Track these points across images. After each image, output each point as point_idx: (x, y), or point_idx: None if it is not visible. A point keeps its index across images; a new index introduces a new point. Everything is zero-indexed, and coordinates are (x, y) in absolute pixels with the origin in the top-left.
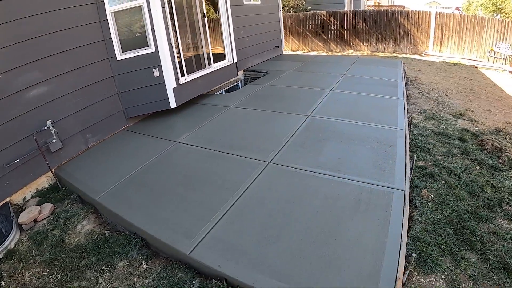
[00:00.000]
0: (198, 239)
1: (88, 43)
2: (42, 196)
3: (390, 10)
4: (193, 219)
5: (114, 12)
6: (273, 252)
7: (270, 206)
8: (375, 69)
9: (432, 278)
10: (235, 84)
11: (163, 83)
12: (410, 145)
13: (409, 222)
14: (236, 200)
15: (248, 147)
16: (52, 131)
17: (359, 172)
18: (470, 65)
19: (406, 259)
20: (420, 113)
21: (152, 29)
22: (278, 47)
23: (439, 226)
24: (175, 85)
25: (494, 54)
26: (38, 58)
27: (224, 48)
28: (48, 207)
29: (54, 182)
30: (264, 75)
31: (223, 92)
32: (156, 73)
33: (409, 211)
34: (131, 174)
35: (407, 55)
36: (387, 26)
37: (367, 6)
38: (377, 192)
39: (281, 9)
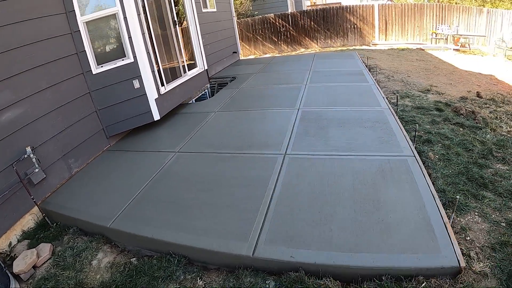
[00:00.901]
0: (254, 238)
1: (60, 57)
2: (31, 238)
3: (336, 7)
4: (236, 221)
5: (86, 22)
6: (333, 230)
7: (309, 191)
8: (336, 62)
9: (469, 217)
10: (202, 93)
11: (144, 95)
12: (400, 120)
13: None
14: (273, 194)
15: (255, 144)
16: (33, 159)
17: (369, 148)
18: (417, 48)
19: (443, 207)
20: (394, 93)
21: (129, 37)
22: (236, 52)
23: (454, 178)
24: (156, 96)
25: (436, 36)
26: (7, 77)
27: (194, 55)
28: (46, 247)
29: (42, 218)
30: (232, 80)
31: (194, 102)
32: (137, 84)
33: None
34: (139, 192)
35: (357, 47)
36: (334, 23)
37: (307, 6)
38: (393, 161)
39: (234, 15)
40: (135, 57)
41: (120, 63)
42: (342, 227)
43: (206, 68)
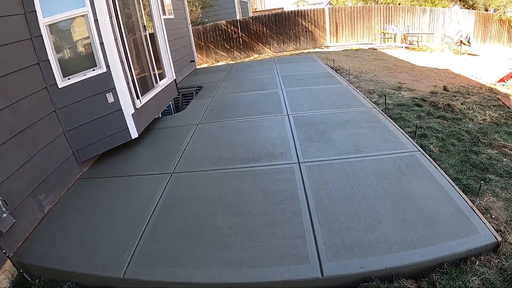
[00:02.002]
0: (315, 257)
1: (18, 68)
2: None
3: (288, 12)
4: (286, 243)
5: (49, 25)
6: (386, 232)
7: (342, 196)
8: (299, 65)
9: (486, 198)
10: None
11: (119, 110)
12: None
13: None
14: (309, 206)
15: (262, 156)
16: None
17: (377, 148)
18: (370, 48)
19: (464, 192)
20: (371, 93)
21: (101, 43)
22: (193, 61)
23: (460, 166)
24: (133, 111)
25: (384, 35)
26: None
27: (162, 64)
28: None
29: (17, 275)
30: (198, 90)
31: (160, 116)
32: (110, 98)
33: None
34: (145, 227)
35: (310, 50)
36: (286, 27)
37: (252, 13)
38: (404, 158)
39: (189, 22)
40: (108, 66)
41: (90, 74)
42: (392, 228)
43: (174, 77)
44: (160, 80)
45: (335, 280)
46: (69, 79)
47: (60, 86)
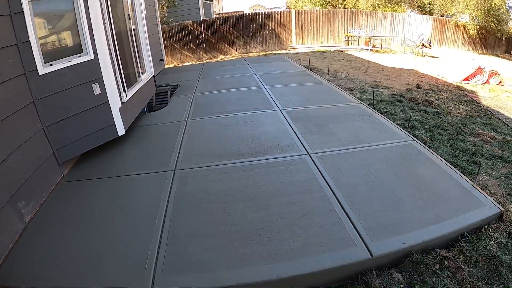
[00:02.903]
0: (358, 240)
1: None
2: None
3: (255, 13)
4: (326, 230)
5: (32, 2)
6: (414, 210)
7: (362, 183)
8: (273, 65)
9: (481, 178)
10: None
11: (106, 103)
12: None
13: None
14: (334, 193)
15: (269, 148)
16: None
17: (376, 138)
18: (336, 50)
19: (464, 173)
20: (351, 90)
21: (89, 26)
22: (162, 60)
23: (453, 152)
24: (120, 104)
25: (348, 38)
26: None
27: (142, 58)
28: None
29: None
30: (174, 88)
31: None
32: (97, 89)
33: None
34: (161, 229)
35: (278, 51)
36: (253, 29)
37: (214, 14)
38: (403, 146)
39: (159, 20)
40: (95, 52)
41: (76, 60)
42: (416, 206)
43: (153, 73)
44: (141, 75)
45: (383, 258)
46: (51, 65)
47: (40, 73)
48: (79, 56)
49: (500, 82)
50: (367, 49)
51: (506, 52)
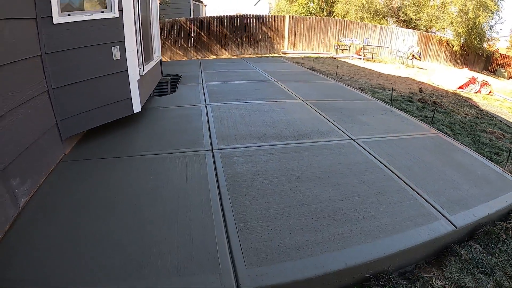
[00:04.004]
0: (438, 214)
1: None
2: None
3: (250, 16)
4: (404, 206)
5: None
6: (463, 188)
7: (412, 164)
8: (275, 64)
9: (508, 165)
10: None
11: (125, 72)
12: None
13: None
14: (395, 173)
15: (309, 133)
16: None
17: (406, 130)
18: (330, 57)
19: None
20: (361, 89)
21: None
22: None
23: (476, 145)
24: (138, 77)
25: (339, 47)
26: None
27: (153, 40)
28: None
29: None
30: (175, 78)
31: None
32: (117, 53)
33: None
34: (222, 216)
35: (270, 55)
36: (247, 31)
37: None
38: (432, 137)
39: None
40: (120, 11)
41: (98, 15)
42: (470, 186)
43: (161, 57)
44: (154, 54)
45: (464, 229)
46: (69, 15)
47: (55, 22)
48: (102, 12)
49: (490, 92)
50: (359, 58)
51: (484, 68)
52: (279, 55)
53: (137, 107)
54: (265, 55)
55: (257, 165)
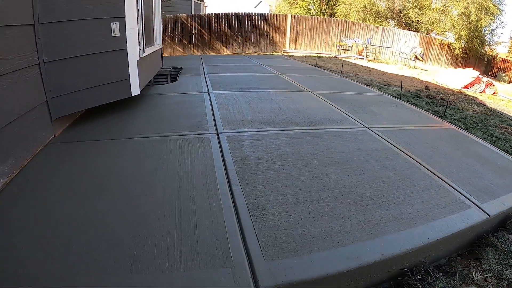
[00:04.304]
0: (470, 202)
1: None
2: None
3: (252, 14)
4: (434, 192)
5: None
6: (487, 177)
7: (433, 153)
8: (278, 60)
9: None
10: None
11: (124, 51)
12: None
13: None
14: (417, 161)
15: (321, 121)
16: None
17: (419, 121)
18: (332, 57)
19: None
20: (368, 85)
21: None
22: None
23: (491, 138)
24: (138, 57)
25: (341, 47)
26: None
27: (154, 29)
28: None
29: None
30: (175, 71)
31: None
32: (116, 30)
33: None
34: (232, 200)
35: (272, 53)
36: (248, 29)
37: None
38: (446, 130)
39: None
40: None
41: None
42: (493, 176)
43: (161, 46)
44: (155, 40)
45: (496, 218)
46: None
47: None
48: None
49: (494, 93)
50: (362, 58)
51: (484, 72)
52: (281, 54)
53: (135, 90)
54: (266, 54)
55: (268, 149)
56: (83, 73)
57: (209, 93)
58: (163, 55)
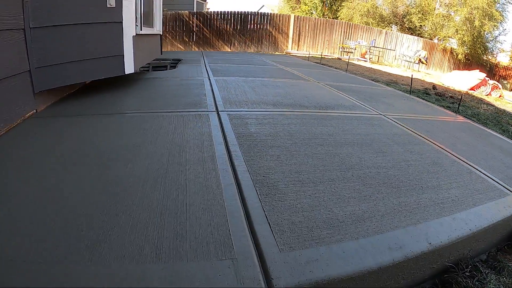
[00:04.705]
0: (504, 189)
1: None
2: None
3: (255, 13)
4: (463, 178)
5: None
6: None
7: (456, 142)
8: (281, 57)
9: None
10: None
11: (119, 24)
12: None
13: None
14: (443, 148)
15: (333, 106)
16: None
17: (433, 114)
18: (335, 58)
19: None
20: (375, 81)
21: None
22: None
23: (507, 134)
24: (134, 33)
25: (344, 49)
26: None
27: (154, 15)
28: None
29: None
30: (175, 62)
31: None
32: (112, 0)
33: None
34: (234, 179)
35: (274, 53)
36: (251, 28)
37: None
38: (462, 123)
39: None
40: None
41: None
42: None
43: (161, 33)
44: (155, 25)
45: None
46: None
47: None
48: None
49: (500, 96)
50: (365, 60)
51: None
52: (283, 54)
53: (129, 68)
54: (268, 53)
55: (276, 127)
56: (73, 44)
57: (209, 79)
58: (163, 50)
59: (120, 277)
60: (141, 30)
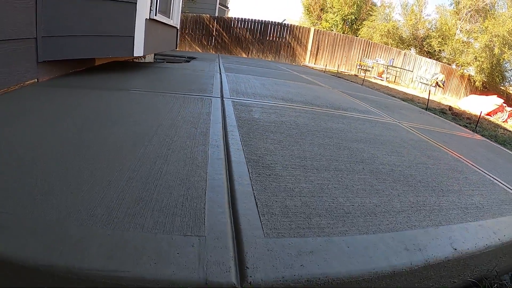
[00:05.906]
0: None
1: None
2: None
3: (275, 23)
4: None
5: None
6: None
7: (476, 156)
8: (296, 67)
9: None
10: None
11: (133, 4)
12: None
13: None
14: (462, 158)
15: (345, 108)
16: None
17: (450, 130)
18: (352, 74)
19: None
20: (389, 95)
21: None
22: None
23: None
24: (147, 16)
25: (362, 67)
26: None
27: (172, 8)
28: None
29: None
30: (189, 59)
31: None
32: None
33: None
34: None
35: (292, 64)
36: (270, 38)
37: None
38: (479, 140)
39: None
40: None
41: None
42: None
43: (178, 27)
44: (171, 17)
45: None
46: None
47: None
48: None
49: None
50: (382, 79)
51: None
52: (300, 65)
53: (138, 51)
54: (285, 63)
55: (282, 117)
56: (84, 18)
57: (220, 73)
58: (179, 49)
59: (56, 234)
60: (155, 15)
